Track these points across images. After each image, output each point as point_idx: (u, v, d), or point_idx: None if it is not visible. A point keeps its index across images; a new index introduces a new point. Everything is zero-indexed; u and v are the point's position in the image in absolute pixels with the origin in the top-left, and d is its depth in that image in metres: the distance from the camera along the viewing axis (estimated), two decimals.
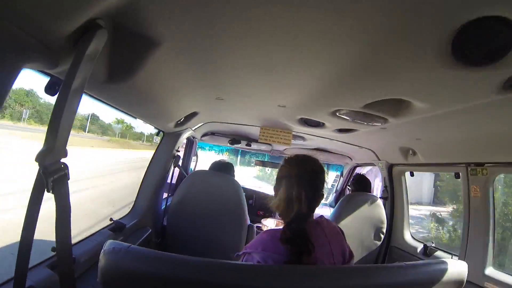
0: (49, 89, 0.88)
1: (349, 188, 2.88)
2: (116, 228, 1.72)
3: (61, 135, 0.73)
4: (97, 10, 0.70)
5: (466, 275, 1.05)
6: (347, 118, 1.66)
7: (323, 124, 1.98)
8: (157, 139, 2.27)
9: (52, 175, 0.74)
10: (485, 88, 0.98)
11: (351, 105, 1.46)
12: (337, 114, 1.63)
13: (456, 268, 1.04)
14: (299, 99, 1.52)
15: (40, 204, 0.74)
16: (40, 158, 0.71)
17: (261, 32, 0.88)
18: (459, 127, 1.52)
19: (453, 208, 8.45)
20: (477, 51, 0.79)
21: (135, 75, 1.07)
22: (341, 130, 2.08)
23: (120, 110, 1.53)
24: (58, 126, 0.71)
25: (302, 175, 1.10)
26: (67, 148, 0.78)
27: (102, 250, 0.85)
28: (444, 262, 1.05)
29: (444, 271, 1.01)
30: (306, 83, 1.27)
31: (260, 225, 3.13)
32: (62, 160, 0.77)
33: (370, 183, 2.75)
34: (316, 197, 1.11)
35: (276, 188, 1.18)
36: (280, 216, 1.15)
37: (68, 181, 0.78)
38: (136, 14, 0.79)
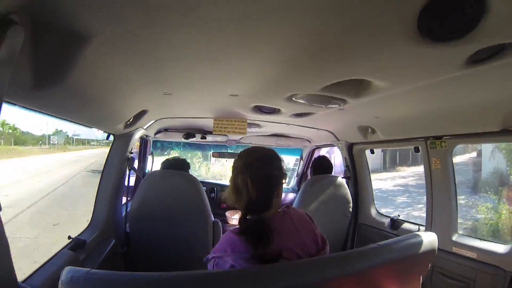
0: None
1: (311, 170, 2.81)
2: (76, 246, 1.59)
3: None
4: (8, 3, 0.59)
5: (437, 244, 1.08)
6: (304, 102, 1.60)
7: (279, 110, 1.92)
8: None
9: None
10: (449, 64, 0.96)
11: (308, 89, 1.40)
12: (293, 99, 1.57)
13: (427, 239, 1.06)
14: (251, 86, 1.44)
15: None
16: None
17: (204, 17, 0.78)
18: (418, 103, 1.52)
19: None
20: (444, 26, 0.77)
21: (67, 77, 0.97)
22: (298, 115, 2.03)
23: (58, 118, 1.39)
24: None
25: (249, 163, 1.07)
26: None
27: (60, 281, 0.73)
28: (415, 236, 1.07)
29: (416, 244, 1.03)
30: (258, 69, 1.19)
31: (226, 219, 3.04)
32: None
33: (331, 164, 2.72)
34: (268, 184, 1.05)
35: (236, 184, 1.09)
36: (238, 208, 1.11)
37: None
38: (56, 6, 0.68)
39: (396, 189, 10.50)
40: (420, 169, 2.84)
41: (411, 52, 0.90)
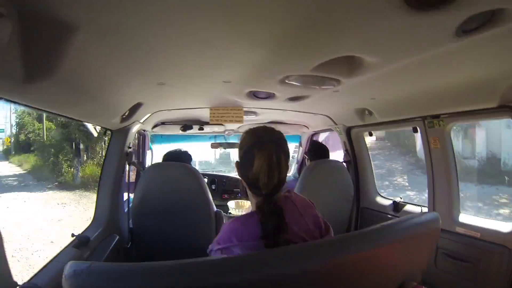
0: None
1: (306, 156, 2.80)
2: (80, 244, 1.60)
3: None
4: None
5: (440, 224, 1.05)
6: (297, 84, 1.56)
7: (273, 94, 1.89)
8: None
9: None
10: (439, 34, 0.93)
11: (300, 69, 1.37)
12: (286, 81, 1.53)
13: (430, 218, 1.04)
14: (243, 71, 1.42)
15: None
16: None
17: (191, 4, 0.77)
18: (413, 81, 1.49)
19: None
20: None
21: (58, 70, 0.95)
22: (292, 99, 2.00)
23: (51, 113, 1.38)
24: None
25: (275, 140, 1.04)
26: None
27: (63, 276, 0.71)
28: (418, 216, 1.04)
29: (420, 224, 1.00)
30: (248, 53, 1.17)
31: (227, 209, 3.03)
32: None
33: (327, 149, 2.69)
34: (279, 164, 1.01)
35: (244, 161, 1.06)
36: (253, 192, 1.06)
37: None
38: None
39: None
40: None
41: (398, 23, 0.87)
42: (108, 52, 1.06)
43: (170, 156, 2.14)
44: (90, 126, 2.02)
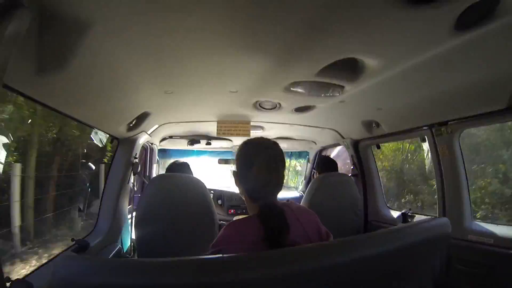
0: None
1: (314, 170, 2.78)
2: (80, 248, 1.58)
3: None
4: None
5: (450, 229, 1.01)
6: (302, 91, 1.58)
7: (279, 104, 1.90)
8: None
9: None
10: (439, 29, 0.93)
11: (304, 75, 1.38)
12: (292, 89, 1.55)
13: (439, 224, 1.00)
14: (249, 80, 1.45)
15: None
16: None
17: (202, 16, 0.82)
18: (418, 87, 1.48)
19: None
20: None
21: (69, 66, 0.97)
22: (298, 109, 2.00)
23: (60, 113, 1.36)
24: None
25: (272, 147, 1.07)
26: None
27: (53, 266, 0.66)
28: (427, 221, 1.01)
29: (428, 229, 0.96)
30: (253, 62, 1.20)
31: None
32: None
33: (336, 162, 2.67)
34: (276, 168, 1.05)
35: (242, 168, 1.08)
36: (251, 198, 1.06)
37: None
38: None
39: None
40: None
41: (396, 19, 0.89)
42: (118, 53, 1.07)
43: (174, 167, 2.14)
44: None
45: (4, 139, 2.78)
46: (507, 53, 1.09)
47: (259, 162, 1.01)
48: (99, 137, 2.99)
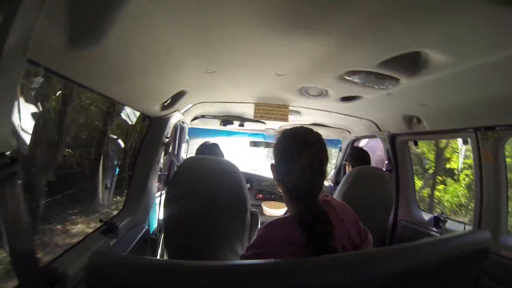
0: None
1: (346, 163, 2.72)
2: (108, 230, 1.56)
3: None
4: None
5: (491, 244, 0.93)
6: (357, 81, 1.47)
7: (326, 92, 1.81)
8: None
9: None
10: None
11: (365, 64, 1.27)
12: (346, 77, 1.45)
13: (480, 238, 0.91)
14: (301, 64, 1.35)
15: None
16: None
17: None
18: (472, 88, 1.38)
19: None
20: None
21: (103, 40, 0.85)
22: (344, 99, 1.92)
23: (91, 90, 1.25)
24: None
25: (317, 143, 0.96)
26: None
27: (88, 266, 0.64)
28: (467, 234, 0.94)
29: (469, 243, 0.88)
30: (310, 44, 1.09)
31: (261, 210, 2.96)
32: (8, 153, 0.60)
33: (369, 155, 2.60)
34: (319, 167, 0.95)
35: (282, 164, 1.00)
36: (292, 197, 0.99)
37: (20, 182, 0.60)
38: None
39: None
40: None
41: (482, 17, 0.79)
42: (161, 26, 0.96)
43: (206, 149, 2.04)
44: None
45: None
46: None
47: (303, 161, 0.91)
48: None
